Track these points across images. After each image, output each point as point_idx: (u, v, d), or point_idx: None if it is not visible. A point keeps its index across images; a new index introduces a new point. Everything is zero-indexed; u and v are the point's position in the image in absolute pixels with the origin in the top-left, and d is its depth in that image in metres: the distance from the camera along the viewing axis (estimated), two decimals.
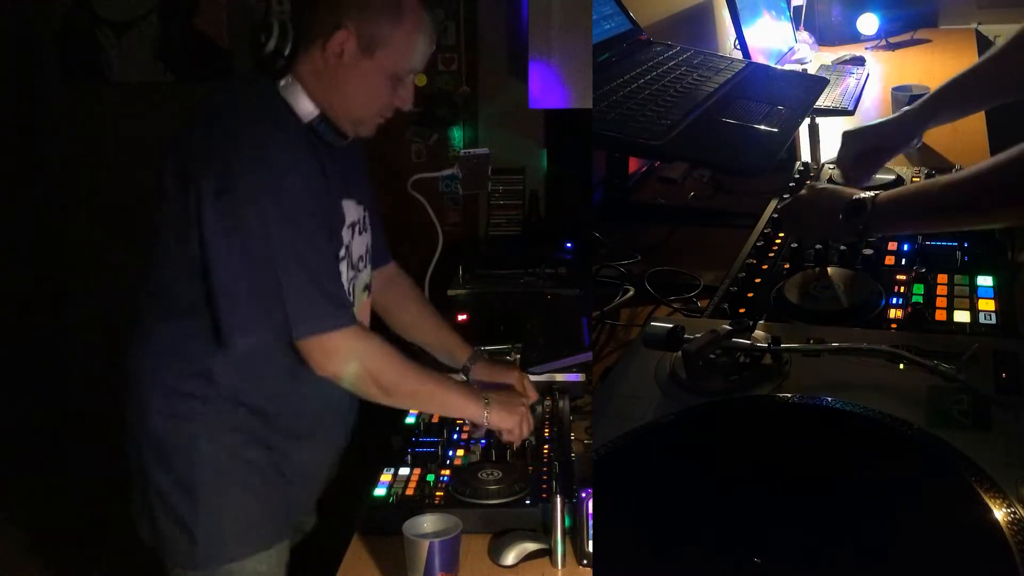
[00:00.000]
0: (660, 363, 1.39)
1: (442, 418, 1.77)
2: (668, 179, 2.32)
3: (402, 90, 1.53)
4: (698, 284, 1.80)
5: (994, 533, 0.98)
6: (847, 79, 2.84)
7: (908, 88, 2.46)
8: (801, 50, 3.09)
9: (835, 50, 3.32)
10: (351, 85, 1.48)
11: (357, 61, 1.46)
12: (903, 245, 1.72)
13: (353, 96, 1.49)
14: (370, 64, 1.47)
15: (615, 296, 1.80)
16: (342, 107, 1.49)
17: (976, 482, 1.04)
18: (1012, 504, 1.01)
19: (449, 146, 3.43)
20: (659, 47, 2.31)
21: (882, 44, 3.36)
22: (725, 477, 1.13)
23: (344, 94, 1.48)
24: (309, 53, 1.46)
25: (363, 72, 1.47)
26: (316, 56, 1.46)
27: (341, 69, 1.46)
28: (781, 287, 1.59)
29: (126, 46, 3.59)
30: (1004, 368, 1.25)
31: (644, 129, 1.80)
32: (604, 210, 2.28)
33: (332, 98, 1.48)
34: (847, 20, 3.44)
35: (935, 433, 1.14)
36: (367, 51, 1.46)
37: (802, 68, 2.95)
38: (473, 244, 3.34)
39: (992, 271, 1.59)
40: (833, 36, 3.45)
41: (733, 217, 2.11)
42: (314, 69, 1.47)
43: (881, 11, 3.36)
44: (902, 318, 1.50)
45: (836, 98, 2.62)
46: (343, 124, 1.51)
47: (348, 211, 1.58)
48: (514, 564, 1.36)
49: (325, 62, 1.46)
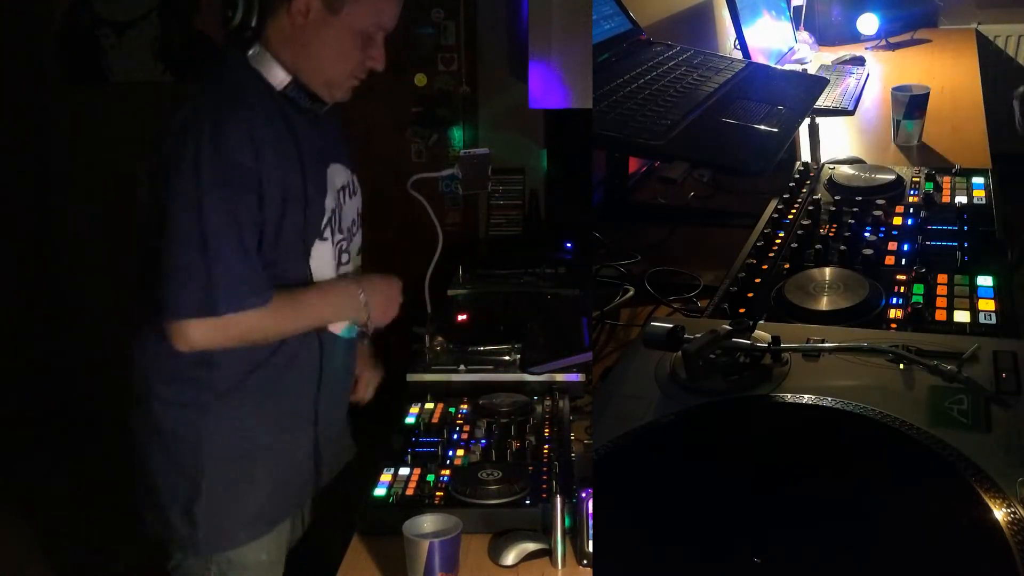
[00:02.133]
0: (660, 363, 1.39)
1: (442, 418, 1.77)
2: (668, 179, 2.32)
3: (373, 49, 1.53)
4: (698, 284, 1.80)
5: (994, 533, 0.98)
6: (847, 79, 2.84)
7: (908, 88, 2.46)
8: (801, 50, 3.09)
9: (835, 50, 3.32)
10: (320, 46, 1.48)
11: (324, 20, 1.47)
12: (903, 245, 1.72)
13: (323, 57, 1.49)
14: (337, 22, 1.47)
15: (615, 296, 1.80)
16: (313, 70, 1.50)
17: (976, 482, 1.04)
18: (1012, 504, 1.01)
19: (449, 146, 3.43)
20: (659, 47, 2.31)
21: (882, 44, 3.36)
22: (725, 477, 1.13)
23: (314, 56, 1.49)
24: (276, 19, 1.47)
25: (331, 31, 1.47)
26: (283, 21, 1.47)
27: (308, 30, 1.47)
28: (781, 287, 1.59)
29: (126, 46, 3.59)
30: (1004, 368, 1.25)
31: (644, 129, 1.80)
32: (604, 210, 2.28)
33: (302, 62, 1.49)
34: (847, 20, 3.44)
35: (935, 433, 1.14)
36: (332, 9, 1.46)
37: (802, 68, 2.95)
38: (473, 244, 3.34)
39: (992, 271, 1.59)
40: (833, 36, 3.45)
41: (733, 217, 2.10)
42: (282, 35, 1.47)
43: (881, 11, 3.36)
44: (902, 318, 1.50)
45: (836, 98, 2.62)
46: (317, 88, 1.51)
47: (337, 175, 1.59)
48: (514, 564, 1.36)
49: (292, 25, 1.46)
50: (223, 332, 1.43)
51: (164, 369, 1.51)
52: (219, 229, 1.38)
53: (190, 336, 1.41)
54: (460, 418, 1.77)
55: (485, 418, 1.74)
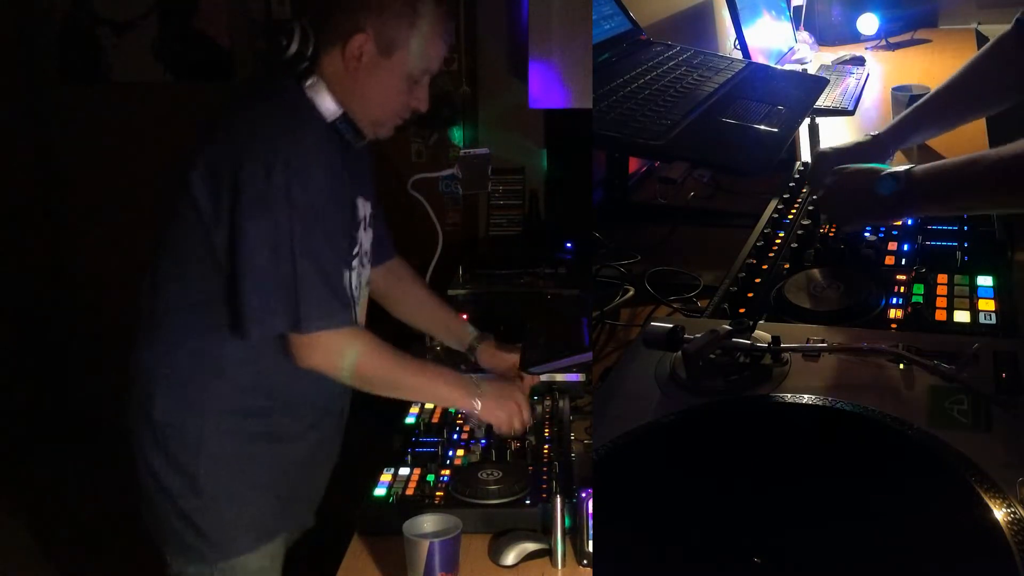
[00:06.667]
0: (660, 363, 1.39)
1: (442, 418, 1.78)
2: (668, 179, 2.32)
3: (418, 91, 1.56)
4: (698, 284, 1.80)
5: (994, 533, 0.98)
6: (847, 79, 2.84)
7: (908, 88, 2.46)
8: (801, 50, 3.09)
9: (835, 50, 3.31)
10: (370, 87, 1.51)
11: (376, 63, 1.49)
12: (903, 245, 1.72)
13: (372, 97, 1.52)
14: (388, 66, 1.50)
15: (615, 296, 1.80)
16: (362, 108, 1.52)
17: (976, 482, 1.04)
18: (1012, 504, 1.01)
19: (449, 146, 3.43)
20: (659, 47, 2.31)
21: (882, 44, 3.35)
22: (725, 477, 1.13)
23: (363, 96, 1.51)
24: (329, 55, 1.49)
25: (381, 74, 1.50)
26: (336, 58, 1.49)
27: (361, 71, 1.49)
28: (781, 287, 1.59)
29: (126, 46, 3.59)
30: (1004, 368, 1.25)
31: (644, 129, 1.80)
32: (604, 210, 2.28)
33: (352, 100, 1.51)
34: (847, 20, 3.43)
35: (935, 433, 1.14)
36: (385, 53, 1.49)
37: (802, 68, 2.95)
38: (473, 244, 3.34)
39: (992, 271, 1.59)
40: (833, 36, 3.44)
41: (733, 217, 2.10)
42: (335, 71, 1.49)
43: (881, 11, 3.35)
44: (902, 318, 1.49)
45: (836, 98, 2.62)
46: (363, 125, 1.54)
47: (360, 208, 1.61)
48: (514, 564, 1.36)
49: (345, 65, 1.49)
50: (340, 356, 1.46)
51: (166, 374, 1.51)
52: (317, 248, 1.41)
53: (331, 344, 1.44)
54: (460, 418, 1.77)
55: None
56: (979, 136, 2.25)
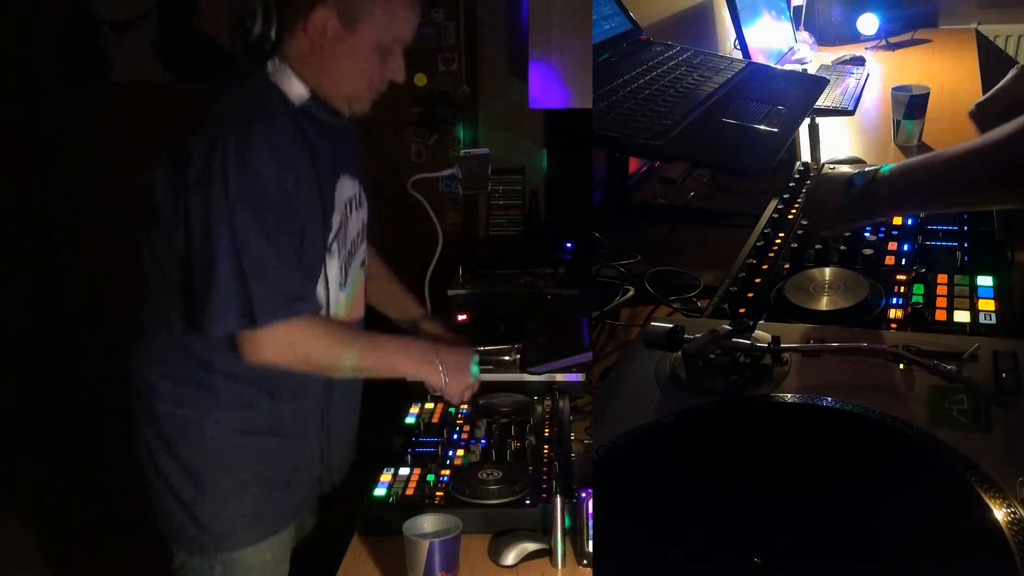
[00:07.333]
0: (660, 363, 1.39)
1: (442, 418, 1.77)
2: (668, 179, 2.32)
3: (392, 62, 1.52)
4: (698, 284, 1.80)
5: (994, 533, 0.98)
6: (847, 79, 2.84)
7: (908, 88, 2.46)
8: (801, 50, 3.09)
9: (835, 50, 3.31)
10: (338, 62, 1.47)
11: (341, 37, 1.46)
12: (903, 245, 1.72)
13: (342, 73, 1.49)
14: (355, 39, 1.46)
15: (615, 296, 1.80)
16: (332, 85, 1.49)
17: (976, 482, 1.04)
18: (1012, 504, 1.01)
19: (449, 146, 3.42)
20: (659, 47, 2.31)
21: (882, 44, 3.35)
22: (725, 477, 1.13)
23: (333, 72, 1.48)
24: (293, 35, 1.46)
25: (349, 47, 1.47)
26: (300, 37, 1.46)
27: (326, 47, 1.46)
28: (781, 287, 1.59)
29: (126, 46, 3.59)
30: (1004, 368, 1.25)
31: (644, 129, 1.80)
32: (604, 210, 2.28)
33: (321, 77, 1.48)
34: (847, 20, 3.43)
35: (935, 433, 1.14)
36: (349, 26, 1.45)
37: (802, 68, 2.95)
38: (473, 244, 3.34)
39: (992, 271, 1.58)
40: (833, 36, 3.45)
41: (733, 217, 2.10)
42: (300, 50, 1.47)
43: (881, 11, 3.35)
44: (902, 318, 1.49)
45: (836, 98, 2.62)
46: (336, 102, 1.51)
47: (344, 187, 1.58)
48: (514, 564, 1.36)
49: (310, 42, 1.46)
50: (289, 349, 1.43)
51: (168, 370, 1.51)
52: (253, 241, 1.37)
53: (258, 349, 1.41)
54: (460, 418, 1.77)
55: (485, 418, 1.74)
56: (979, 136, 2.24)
